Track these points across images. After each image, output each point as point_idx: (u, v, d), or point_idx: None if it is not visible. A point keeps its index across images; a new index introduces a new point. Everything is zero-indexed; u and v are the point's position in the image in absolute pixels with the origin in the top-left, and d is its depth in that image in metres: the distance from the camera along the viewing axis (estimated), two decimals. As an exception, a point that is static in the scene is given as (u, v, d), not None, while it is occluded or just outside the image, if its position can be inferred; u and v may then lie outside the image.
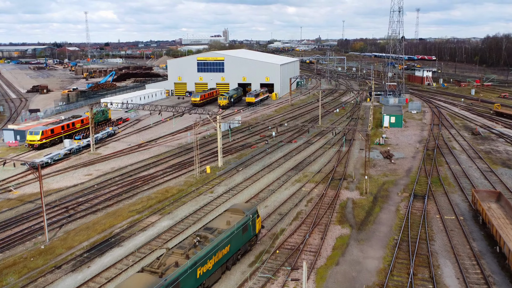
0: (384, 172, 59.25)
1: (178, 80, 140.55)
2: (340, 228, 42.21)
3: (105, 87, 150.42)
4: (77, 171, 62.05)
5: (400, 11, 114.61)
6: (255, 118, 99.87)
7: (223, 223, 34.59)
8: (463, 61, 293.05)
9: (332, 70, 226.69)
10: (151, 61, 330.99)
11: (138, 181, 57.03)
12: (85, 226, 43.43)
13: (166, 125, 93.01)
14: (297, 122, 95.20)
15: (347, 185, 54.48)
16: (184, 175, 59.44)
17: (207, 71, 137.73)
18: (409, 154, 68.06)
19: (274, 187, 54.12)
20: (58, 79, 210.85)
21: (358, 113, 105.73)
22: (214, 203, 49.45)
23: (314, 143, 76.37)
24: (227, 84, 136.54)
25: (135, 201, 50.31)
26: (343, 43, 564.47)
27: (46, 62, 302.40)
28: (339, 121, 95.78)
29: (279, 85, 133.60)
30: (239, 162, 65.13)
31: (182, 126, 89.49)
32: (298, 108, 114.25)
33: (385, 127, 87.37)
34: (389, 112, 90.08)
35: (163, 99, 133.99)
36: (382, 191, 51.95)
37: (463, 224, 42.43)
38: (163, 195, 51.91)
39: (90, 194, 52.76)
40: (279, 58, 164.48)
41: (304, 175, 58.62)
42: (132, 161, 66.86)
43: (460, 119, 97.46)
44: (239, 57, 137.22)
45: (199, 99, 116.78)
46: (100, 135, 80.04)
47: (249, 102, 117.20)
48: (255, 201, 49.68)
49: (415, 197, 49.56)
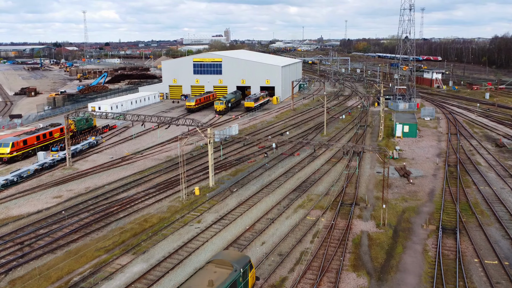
0: (403, 195, 50.64)
1: (173, 82, 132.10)
2: (355, 277, 33.65)
3: (96, 89, 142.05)
4: (45, 192, 53.57)
5: (411, 9, 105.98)
6: (253, 126, 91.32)
7: (204, 285, 26.07)
8: (470, 62, 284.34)
9: (337, 71, 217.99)
10: (149, 61, 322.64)
11: (114, 206, 48.57)
12: (38, 272, 34.92)
13: (156, 134, 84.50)
14: (300, 130, 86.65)
15: (360, 212, 45.92)
16: (169, 198, 50.96)
17: (204, 73, 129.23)
18: (429, 171, 59.43)
19: (273, 215, 45.61)
20: (51, 81, 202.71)
21: (366, 119, 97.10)
22: (200, 237, 40.95)
23: (319, 156, 67.80)
24: (225, 87, 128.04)
25: (106, 234, 41.82)
26: (346, 43, 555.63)
27: (42, 62, 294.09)
28: (345, 129, 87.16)
29: (281, 88, 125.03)
30: (234, 181, 56.68)
31: (172, 135, 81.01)
32: (300, 113, 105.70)
33: (397, 137, 78.74)
34: (401, 120, 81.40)
35: (157, 103, 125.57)
36: (403, 222, 43.37)
37: (510, 273, 33.81)
38: (141, 226, 43.43)
39: (54, 223, 44.30)
40: (280, 59, 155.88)
41: (308, 199, 50.09)
42: (111, 178, 58.39)
43: (479, 127, 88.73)
44: (238, 58, 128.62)
45: (194, 103, 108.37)
46: (80, 146, 71.58)
47: (248, 107, 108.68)
48: (250, 235, 41.14)
49: (444, 231, 40.96)
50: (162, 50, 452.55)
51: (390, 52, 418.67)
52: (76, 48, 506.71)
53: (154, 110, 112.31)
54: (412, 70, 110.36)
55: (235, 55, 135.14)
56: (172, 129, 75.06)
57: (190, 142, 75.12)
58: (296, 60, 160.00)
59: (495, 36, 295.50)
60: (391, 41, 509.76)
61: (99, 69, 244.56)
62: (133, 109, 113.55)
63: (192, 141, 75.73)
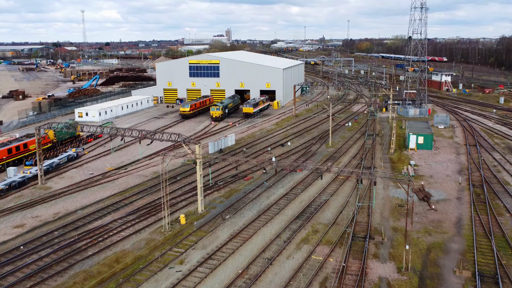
0: (425, 226, 42.93)
1: (168, 85, 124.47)
2: None
3: (87, 93, 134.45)
4: (6, 219, 46.01)
5: (422, 8, 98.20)
6: (252, 135, 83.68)
7: None
8: (477, 62, 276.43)
9: (341, 73, 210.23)
10: (148, 62, 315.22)
11: (83, 239, 41.01)
12: None
13: (144, 143, 76.84)
14: (302, 140, 79.00)
15: (375, 250, 38.25)
16: (150, 228, 43.38)
17: (201, 75, 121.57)
18: (452, 193, 51.70)
19: (272, 253, 37.98)
20: (43, 82, 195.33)
21: (374, 126, 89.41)
22: (182, 286, 33.32)
23: (324, 172, 60.06)
24: (223, 90, 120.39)
25: (66, 280, 34.22)
26: (348, 43, 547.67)
27: (37, 63, 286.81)
28: (352, 139, 79.47)
29: (282, 92, 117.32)
30: (227, 204, 49.10)
31: (161, 145, 73.35)
32: (303, 120, 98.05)
33: (411, 149, 71.02)
34: (415, 130, 73.65)
35: (150, 107, 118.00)
36: (430, 265, 35.66)
37: None
38: (111, 268, 35.79)
39: (6, 265, 36.70)
40: (281, 61, 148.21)
41: (313, 230, 42.45)
42: (87, 201, 50.83)
43: (499, 137, 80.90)
44: (236, 60, 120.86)
45: (188, 109, 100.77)
46: (57, 160, 64.03)
47: (247, 113, 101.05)
48: (243, 283, 33.51)
49: (482, 279, 33.25)
50: (162, 50, 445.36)
51: (394, 52, 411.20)
52: (75, 48, 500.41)
53: (147, 116, 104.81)
54: (422, 72, 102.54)
55: (234, 57, 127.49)
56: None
57: (181, 154, 67.51)
58: (298, 62, 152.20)
59: (503, 36, 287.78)
60: (395, 41, 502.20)
61: (95, 70, 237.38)
62: (123, 114, 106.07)
63: (181, 153, 68.11)
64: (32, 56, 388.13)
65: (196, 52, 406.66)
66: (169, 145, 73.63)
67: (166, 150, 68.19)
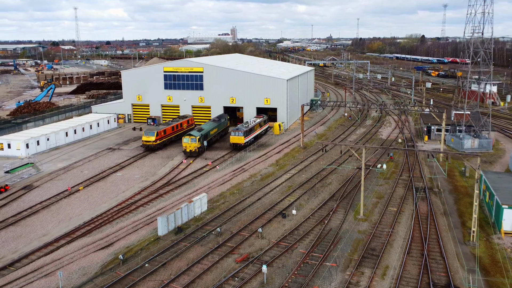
0: None
1: (138, 100, 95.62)
2: None
3: (38, 108, 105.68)
4: None
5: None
6: (237, 187, 54.39)
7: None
8: (505, 65, 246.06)
9: (362, 79, 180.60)
10: (141, 63, 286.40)
11: None
12: None
13: (83, 196, 47.89)
14: (316, 201, 49.66)
15: None
16: None
17: (179, 87, 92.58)
18: None
19: None
20: (7, 89, 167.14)
21: (421, 170, 59.97)
22: None
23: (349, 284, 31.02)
24: (208, 107, 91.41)
25: None
26: (358, 42, 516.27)
27: (16, 64, 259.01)
28: (394, 200, 50.13)
29: (286, 111, 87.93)
30: None
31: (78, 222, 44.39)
32: (314, 156, 68.77)
33: (506, 233, 41.49)
34: (509, 196, 43.93)
35: (112, 130, 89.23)
36: None
37: None
38: None
39: None
40: (286, 68, 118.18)
41: None
42: None
43: None
44: (226, 67, 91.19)
45: (154, 138, 71.81)
46: None
47: (236, 143, 72.02)
48: None
49: None
50: (161, 49, 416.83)
51: (408, 52, 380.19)
52: (73, 47, 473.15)
53: (99, 145, 76.03)
54: (486, 83, 72.79)
55: (223, 63, 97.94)
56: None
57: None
58: (307, 68, 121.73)
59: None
60: (409, 40, 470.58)
61: (79, 73, 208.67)
62: (67, 143, 77.33)
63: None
64: (19, 56, 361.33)
65: (196, 52, 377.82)
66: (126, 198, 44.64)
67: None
